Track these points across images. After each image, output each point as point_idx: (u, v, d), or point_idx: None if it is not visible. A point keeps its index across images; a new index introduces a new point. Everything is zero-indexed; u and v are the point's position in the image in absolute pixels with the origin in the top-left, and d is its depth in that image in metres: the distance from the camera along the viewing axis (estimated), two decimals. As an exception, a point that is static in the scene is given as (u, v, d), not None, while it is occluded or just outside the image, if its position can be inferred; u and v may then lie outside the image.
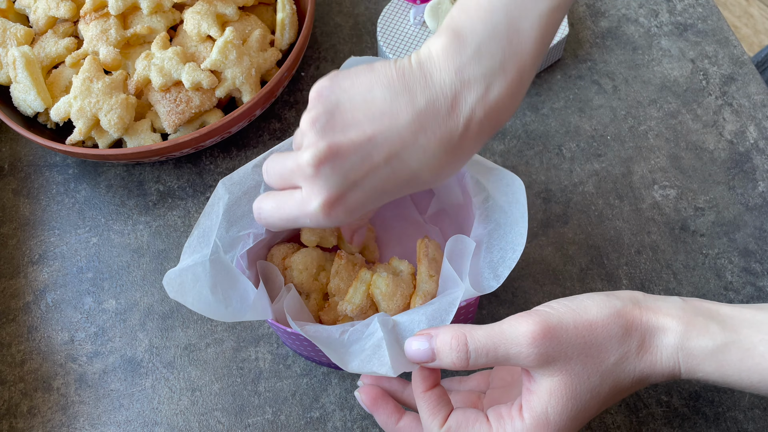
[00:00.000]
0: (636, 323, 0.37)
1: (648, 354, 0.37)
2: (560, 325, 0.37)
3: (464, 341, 0.37)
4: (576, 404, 0.37)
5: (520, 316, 0.37)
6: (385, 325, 0.41)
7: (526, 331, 0.36)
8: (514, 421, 0.37)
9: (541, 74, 0.66)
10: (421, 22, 0.65)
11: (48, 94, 0.58)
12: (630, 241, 0.57)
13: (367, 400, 0.41)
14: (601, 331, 0.37)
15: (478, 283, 0.42)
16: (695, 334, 0.37)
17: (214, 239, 0.44)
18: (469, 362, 0.37)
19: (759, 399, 0.50)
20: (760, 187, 0.59)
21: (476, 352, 0.37)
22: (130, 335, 0.55)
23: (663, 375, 0.38)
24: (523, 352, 0.36)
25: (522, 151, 0.61)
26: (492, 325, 0.37)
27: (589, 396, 0.37)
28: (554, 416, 0.36)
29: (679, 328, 0.37)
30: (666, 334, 0.37)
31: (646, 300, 0.39)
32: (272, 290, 0.48)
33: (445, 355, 0.37)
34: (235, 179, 0.46)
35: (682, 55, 0.66)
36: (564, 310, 0.38)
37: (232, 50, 0.58)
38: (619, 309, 0.38)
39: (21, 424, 0.52)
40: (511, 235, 0.43)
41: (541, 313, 0.37)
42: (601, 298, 0.38)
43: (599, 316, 0.37)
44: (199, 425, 0.51)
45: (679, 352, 0.37)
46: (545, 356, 0.36)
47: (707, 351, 0.37)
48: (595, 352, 0.37)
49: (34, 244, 0.59)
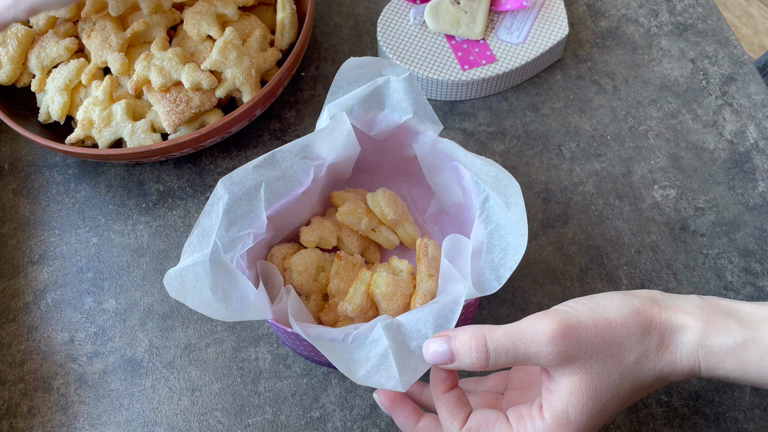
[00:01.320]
0: (655, 321, 0.38)
1: (668, 352, 0.37)
2: (579, 323, 0.37)
3: (484, 341, 0.37)
4: (596, 403, 0.37)
5: (539, 315, 0.37)
6: (390, 330, 0.40)
7: (545, 329, 0.36)
8: (535, 420, 0.37)
9: (541, 74, 0.66)
10: (421, 22, 0.65)
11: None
12: (630, 241, 0.57)
13: (386, 401, 0.41)
14: (621, 329, 0.37)
15: (479, 284, 0.42)
16: (715, 331, 0.37)
17: (214, 239, 0.44)
18: (489, 362, 0.37)
19: (759, 399, 0.50)
20: (760, 187, 0.59)
21: (496, 352, 0.37)
22: (130, 335, 0.55)
23: (683, 373, 0.38)
24: (543, 350, 0.36)
25: (522, 151, 0.61)
26: (511, 325, 0.37)
27: (609, 395, 0.37)
28: (575, 415, 0.36)
29: (699, 326, 0.37)
30: (686, 332, 0.37)
31: (665, 299, 0.39)
32: (272, 290, 0.48)
33: (465, 356, 0.37)
34: (235, 179, 0.46)
35: (682, 55, 0.66)
36: (583, 309, 0.38)
37: (232, 50, 0.58)
38: (638, 307, 0.38)
39: (21, 424, 0.52)
40: (511, 236, 0.43)
41: (560, 312, 0.37)
42: (620, 297, 0.38)
43: (618, 314, 0.37)
44: (199, 425, 0.51)
45: (699, 350, 0.37)
46: (565, 355, 0.36)
47: (727, 348, 0.37)
48: (615, 350, 0.37)
49: (34, 244, 0.59)
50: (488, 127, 0.63)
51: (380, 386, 0.39)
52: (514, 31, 0.64)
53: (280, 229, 0.50)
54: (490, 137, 0.62)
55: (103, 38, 0.59)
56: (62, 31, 0.61)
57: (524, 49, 0.63)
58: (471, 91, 0.63)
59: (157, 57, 0.58)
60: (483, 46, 0.63)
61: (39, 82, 0.60)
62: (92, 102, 0.58)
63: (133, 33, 0.59)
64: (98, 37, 0.59)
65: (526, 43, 0.63)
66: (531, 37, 0.64)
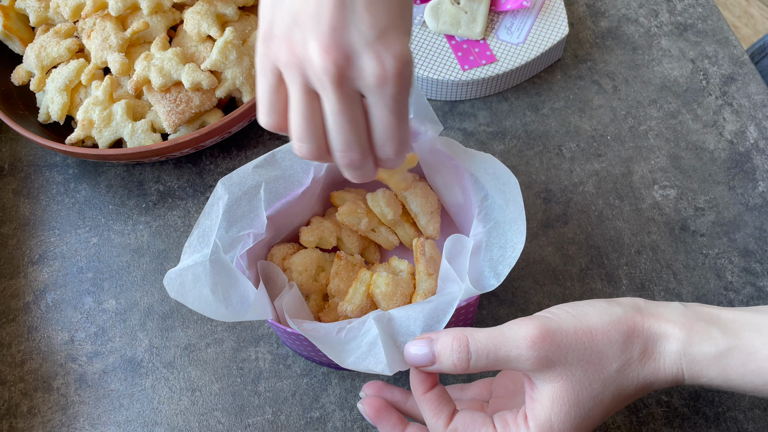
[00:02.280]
0: (638, 330, 0.38)
1: (651, 361, 0.37)
2: (560, 329, 0.37)
3: (466, 342, 0.37)
4: (579, 411, 0.37)
5: (522, 320, 0.38)
6: (381, 321, 0.41)
7: (525, 334, 0.36)
8: (520, 428, 0.37)
9: (541, 74, 0.66)
10: (421, 22, 0.65)
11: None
12: (630, 241, 0.57)
13: (371, 411, 0.41)
14: (602, 337, 0.37)
15: (478, 282, 0.42)
16: (697, 340, 0.37)
17: (214, 239, 0.44)
18: (470, 364, 0.37)
19: (759, 399, 0.50)
20: (760, 187, 0.59)
21: (477, 353, 0.37)
22: (130, 335, 0.55)
23: (666, 381, 0.38)
24: (523, 354, 0.36)
25: (522, 151, 0.61)
26: (493, 328, 0.38)
27: (591, 403, 0.37)
28: (558, 424, 0.36)
29: (681, 334, 0.37)
30: (668, 340, 0.37)
31: (648, 307, 0.39)
32: (273, 290, 0.48)
33: (446, 358, 0.38)
34: (235, 179, 0.46)
35: (682, 55, 0.66)
36: (564, 315, 0.38)
37: (232, 50, 0.58)
38: (620, 316, 0.38)
39: (21, 424, 0.52)
40: (510, 233, 0.43)
41: (541, 317, 0.38)
42: (602, 306, 0.38)
43: (599, 322, 0.37)
44: (199, 425, 0.51)
45: (682, 358, 0.37)
46: (545, 360, 0.36)
47: (710, 356, 0.37)
48: (596, 358, 0.37)
49: (34, 244, 0.59)
50: (488, 127, 0.63)
51: (368, 370, 0.39)
52: (514, 31, 0.64)
53: (280, 229, 0.50)
54: (490, 137, 0.62)
55: (103, 38, 0.59)
56: (63, 31, 0.61)
57: (524, 49, 0.63)
58: (471, 91, 0.63)
59: (157, 57, 0.58)
60: (483, 46, 0.63)
61: (38, 81, 0.60)
62: (92, 102, 0.58)
63: (133, 33, 0.59)
64: (98, 37, 0.59)
65: (526, 43, 0.63)
66: (531, 37, 0.64)
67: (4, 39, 0.63)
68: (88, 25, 0.61)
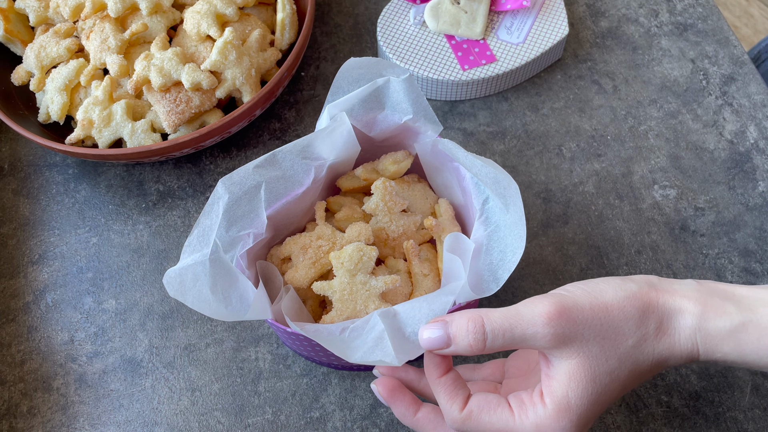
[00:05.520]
0: (653, 305, 0.38)
1: (666, 336, 0.37)
2: (576, 306, 0.37)
3: (481, 322, 0.37)
4: (596, 387, 0.37)
5: (537, 298, 0.37)
6: (386, 317, 0.41)
7: (541, 311, 0.36)
8: (536, 407, 0.37)
9: (541, 74, 0.66)
10: (421, 22, 0.65)
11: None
12: (630, 241, 0.57)
13: (384, 391, 0.41)
14: (617, 313, 0.37)
15: (478, 286, 0.42)
16: (712, 315, 0.37)
17: (213, 239, 0.44)
18: (486, 344, 0.37)
19: (759, 399, 0.50)
20: (760, 187, 0.59)
21: (493, 333, 0.37)
22: (130, 335, 0.55)
23: (682, 357, 0.38)
24: (540, 332, 0.36)
25: (522, 151, 0.61)
26: (508, 308, 0.37)
27: (608, 379, 0.37)
28: (575, 400, 0.36)
29: (697, 309, 0.37)
30: (683, 315, 0.37)
31: (662, 283, 0.39)
32: (272, 290, 0.48)
33: (462, 339, 0.37)
34: (235, 179, 0.46)
35: (682, 55, 0.66)
36: (579, 292, 0.38)
37: (232, 51, 0.58)
38: (635, 292, 0.38)
39: (21, 424, 0.52)
40: (510, 238, 0.43)
41: (556, 295, 0.38)
42: (617, 282, 0.39)
43: (615, 298, 0.37)
44: (199, 425, 0.51)
45: (698, 333, 0.37)
46: (561, 336, 0.36)
47: (725, 331, 0.37)
48: (612, 334, 0.37)
49: (34, 244, 0.59)
50: (488, 127, 0.63)
51: (377, 363, 0.39)
52: (514, 31, 0.64)
53: (279, 229, 0.50)
54: (490, 137, 0.62)
55: (102, 40, 0.59)
56: (62, 31, 0.61)
57: (524, 49, 0.63)
58: (471, 91, 0.63)
59: (157, 57, 0.58)
60: (483, 46, 0.63)
61: (38, 81, 0.60)
62: (92, 102, 0.58)
63: (131, 35, 0.59)
64: (97, 38, 0.59)
65: (526, 43, 0.63)
66: (531, 37, 0.64)
67: (6, 42, 0.63)
68: (87, 26, 0.61)
